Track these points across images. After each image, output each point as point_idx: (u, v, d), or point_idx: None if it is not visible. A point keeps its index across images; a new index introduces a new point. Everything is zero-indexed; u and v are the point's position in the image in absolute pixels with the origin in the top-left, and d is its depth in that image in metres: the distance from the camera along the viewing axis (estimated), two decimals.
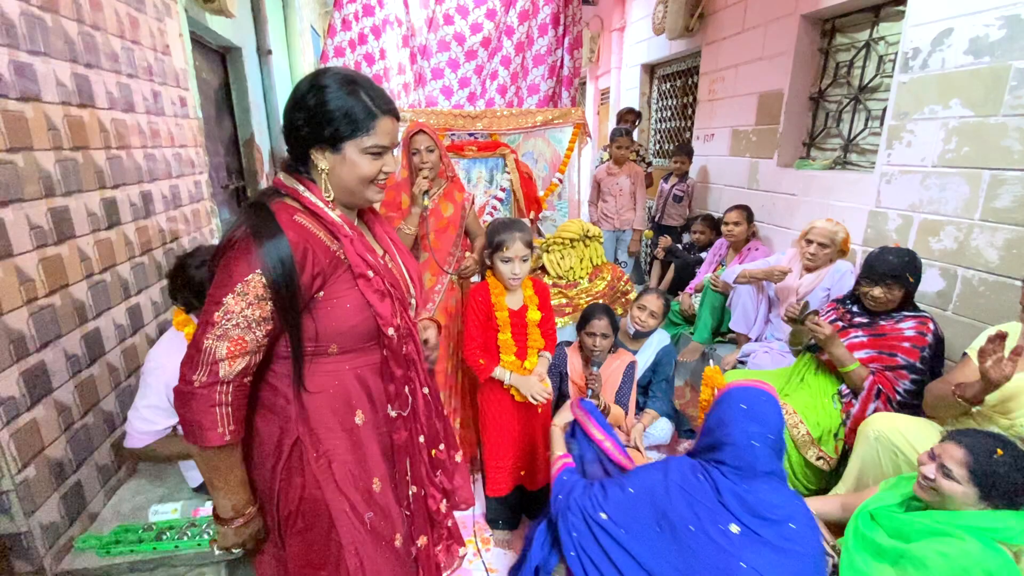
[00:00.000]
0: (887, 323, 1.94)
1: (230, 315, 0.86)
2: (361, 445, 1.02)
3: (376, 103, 0.95)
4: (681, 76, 4.54)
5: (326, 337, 0.97)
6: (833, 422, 1.93)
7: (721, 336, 2.96)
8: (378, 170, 0.98)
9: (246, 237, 0.89)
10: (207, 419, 0.87)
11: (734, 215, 3.01)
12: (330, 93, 0.92)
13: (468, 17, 3.55)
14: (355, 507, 1.00)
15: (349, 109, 0.92)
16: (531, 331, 1.76)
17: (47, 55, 1.54)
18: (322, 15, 6.95)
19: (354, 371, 1.02)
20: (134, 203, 1.98)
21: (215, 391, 0.87)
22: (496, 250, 1.67)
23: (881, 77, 2.61)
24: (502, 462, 1.88)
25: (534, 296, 1.79)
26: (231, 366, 0.87)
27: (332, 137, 0.94)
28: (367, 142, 0.95)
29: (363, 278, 0.97)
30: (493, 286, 1.73)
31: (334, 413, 1.00)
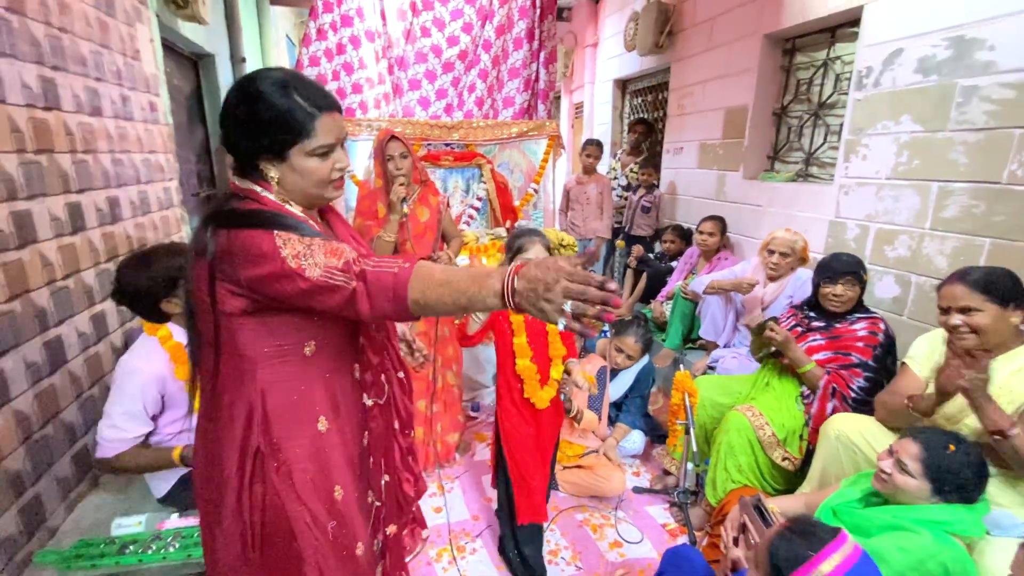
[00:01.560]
0: (842, 325, 2.03)
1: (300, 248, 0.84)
2: (323, 452, 0.99)
3: (313, 102, 0.89)
4: (652, 91, 4.67)
5: (307, 332, 0.95)
6: (797, 423, 1.99)
7: (691, 343, 3.04)
8: (330, 169, 0.95)
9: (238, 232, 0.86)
10: (390, 286, 0.83)
11: (709, 226, 3.10)
12: (262, 101, 0.87)
13: (445, 30, 3.60)
14: (316, 518, 0.97)
15: (285, 114, 0.88)
16: (552, 339, 1.74)
17: (13, 57, 1.51)
18: (297, 25, 6.93)
19: (322, 375, 0.99)
20: (100, 208, 1.94)
21: (355, 266, 0.85)
22: (517, 253, 1.68)
23: (838, 94, 2.74)
24: (535, 481, 1.76)
25: None
26: (345, 256, 0.85)
27: (274, 146, 0.90)
28: (311, 145, 0.90)
29: None
30: None
31: (296, 421, 0.97)
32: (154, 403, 1.55)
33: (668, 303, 3.21)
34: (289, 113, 0.88)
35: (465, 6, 3.58)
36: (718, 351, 2.70)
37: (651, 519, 2.15)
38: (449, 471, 2.40)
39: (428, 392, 2.30)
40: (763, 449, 1.95)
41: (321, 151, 0.92)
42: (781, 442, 1.95)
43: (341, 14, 3.38)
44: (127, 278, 1.54)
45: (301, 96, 0.88)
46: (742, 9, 3.14)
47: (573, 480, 2.23)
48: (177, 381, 1.56)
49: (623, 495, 2.23)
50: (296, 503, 0.95)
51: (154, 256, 1.56)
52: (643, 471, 2.45)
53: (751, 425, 1.93)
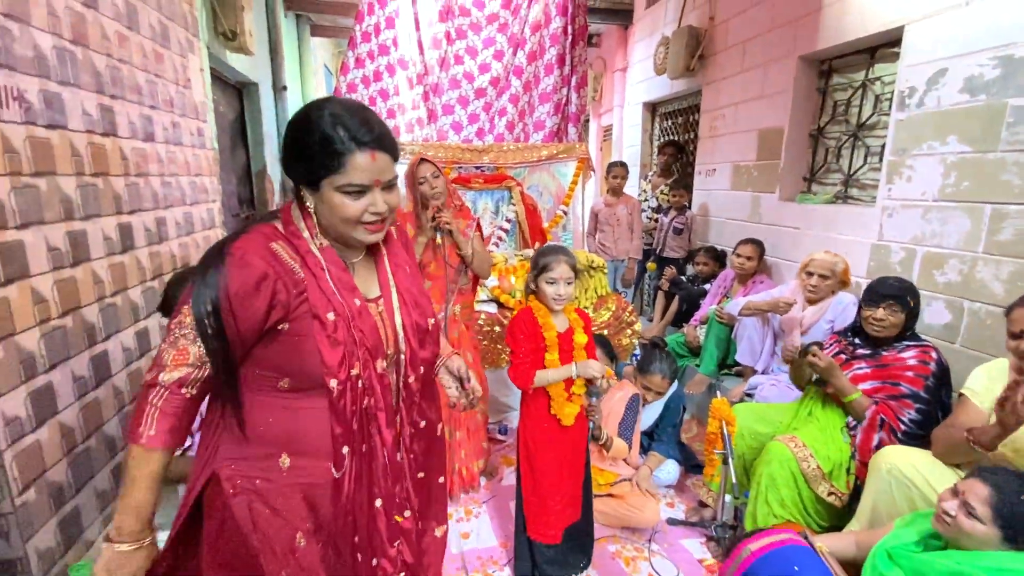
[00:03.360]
0: (889, 353, 1.93)
1: (181, 326, 0.85)
2: (282, 493, 0.92)
3: (353, 136, 0.86)
4: (682, 113, 4.66)
5: (278, 371, 0.91)
6: (843, 456, 1.89)
7: (727, 368, 2.94)
8: (361, 211, 0.89)
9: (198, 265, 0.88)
10: (136, 415, 0.85)
11: (747, 249, 3.02)
12: (306, 127, 0.86)
13: (477, 57, 3.69)
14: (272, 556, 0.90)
15: (320, 144, 0.85)
16: (578, 354, 1.72)
17: (76, 86, 1.60)
18: (335, 54, 7.24)
19: (296, 412, 0.93)
20: (148, 228, 2.02)
21: (150, 392, 0.85)
22: (542, 272, 1.66)
23: (878, 115, 2.68)
24: (551, 503, 1.72)
25: (579, 319, 1.77)
26: (169, 373, 0.85)
27: (307, 174, 0.89)
28: (339, 180, 0.87)
29: (317, 320, 0.89)
30: (537, 309, 1.70)
31: (259, 455, 0.92)
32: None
33: (702, 327, 3.13)
34: (324, 143, 0.85)
35: (497, 35, 3.67)
36: (756, 377, 2.61)
37: (687, 553, 2.05)
38: (475, 495, 2.36)
39: (450, 419, 2.27)
40: (807, 483, 1.85)
41: (351, 189, 0.88)
42: (826, 475, 1.85)
43: (378, 44, 3.51)
44: (175, 292, 1.59)
45: (344, 128, 0.86)
46: (775, 32, 3.12)
47: (604, 510, 2.15)
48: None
49: (657, 527, 2.14)
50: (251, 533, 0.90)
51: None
52: (678, 502, 2.36)
53: (794, 457, 1.84)
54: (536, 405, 1.73)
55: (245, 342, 0.87)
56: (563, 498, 1.73)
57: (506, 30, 3.67)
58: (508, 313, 2.92)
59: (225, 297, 0.82)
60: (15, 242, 1.33)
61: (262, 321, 0.86)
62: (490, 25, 3.66)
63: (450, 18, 3.61)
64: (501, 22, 3.66)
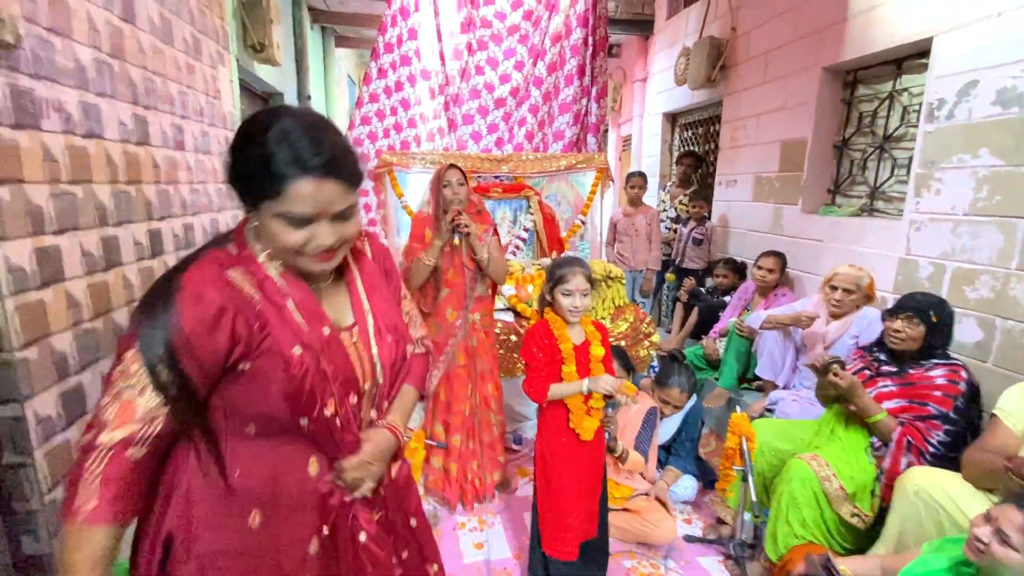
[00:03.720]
0: (916, 371, 1.88)
1: (126, 376, 0.72)
2: (250, 555, 0.81)
3: (297, 157, 0.72)
4: (703, 124, 4.64)
5: (240, 416, 0.80)
6: (868, 477, 1.84)
7: (747, 383, 2.89)
8: (302, 241, 0.77)
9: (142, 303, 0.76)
10: (70, 489, 0.71)
11: (769, 262, 2.98)
12: (252, 138, 0.74)
13: (498, 68, 3.73)
14: None
15: (259, 163, 0.73)
16: (595, 367, 1.69)
17: (112, 97, 1.66)
18: (358, 64, 7.38)
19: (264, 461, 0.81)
20: (177, 234, 2.08)
21: (88, 456, 0.71)
22: (557, 283, 1.65)
23: (906, 127, 2.63)
24: (568, 519, 1.69)
25: (596, 332, 1.75)
26: (111, 433, 0.71)
27: (248, 191, 0.77)
28: (276, 208, 0.74)
29: (282, 355, 0.77)
30: (553, 321, 1.69)
31: (223, 509, 0.79)
32: None
33: (721, 340, 3.09)
34: (263, 163, 0.72)
35: (518, 45, 3.71)
36: (777, 393, 2.56)
37: (704, 571, 2.01)
38: (489, 505, 2.35)
39: (464, 428, 2.27)
40: (830, 503, 1.81)
41: (291, 217, 0.75)
42: (850, 497, 1.80)
43: (400, 54, 3.57)
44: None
45: (289, 148, 0.72)
46: (799, 43, 3.09)
47: (620, 524, 2.13)
48: None
49: (673, 543, 2.11)
50: None
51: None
52: (695, 518, 2.32)
53: (816, 476, 1.80)
54: (554, 419, 1.71)
55: (209, 384, 0.76)
56: (580, 513, 1.71)
57: (527, 41, 3.71)
58: (525, 322, 2.92)
59: (181, 338, 0.71)
60: (52, 247, 1.38)
61: (224, 360, 0.75)
62: (511, 36, 3.70)
63: (472, 29, 3.66)
64: (522, 33, 3.70)
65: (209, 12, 2.45)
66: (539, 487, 1.75)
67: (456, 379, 2.25)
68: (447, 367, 2.25)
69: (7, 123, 1.24)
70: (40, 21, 1.35)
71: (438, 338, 2.22)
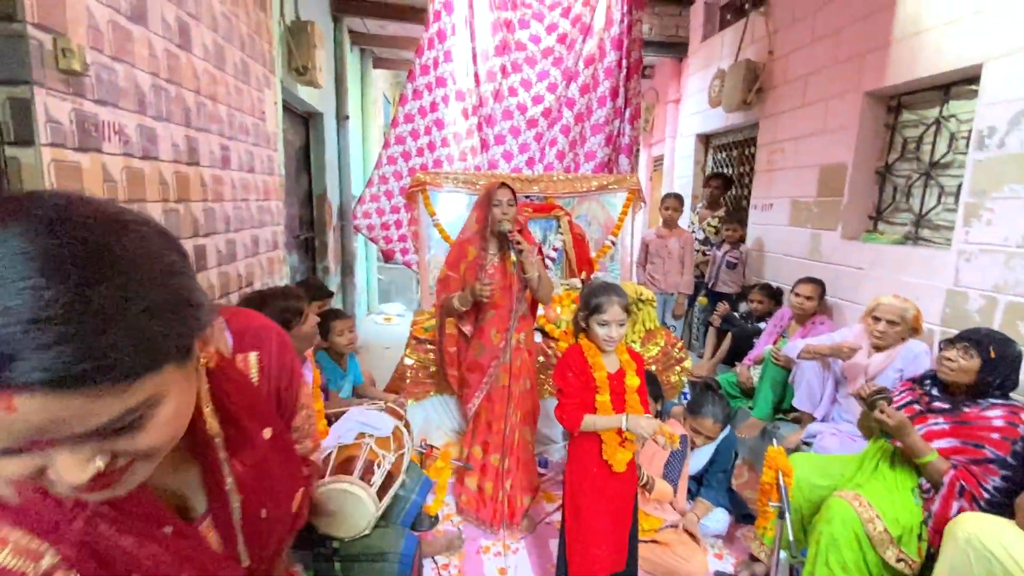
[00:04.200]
0: (972, 410, 1.78)
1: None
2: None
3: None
4: (737, 146, 4.58)
5: None
6: (914, 520, 1.74)
7: (783, 413, 2.80)
8: (18, 476, 0.41)
9: None
10: None
11: (808, 289, 2.89)
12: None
13: (531, 90, 3.79)
14: None
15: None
16: (629, 397, 1.66)
17: (168, 120, 1.75)
18: (394, 85, 7.58)
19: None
20: (220, 250, 2.15)
21: None
22: (593, 312, 1.63)
23: (954, 154, 2.54)
24: (596, 550, 1.65)
25: (631, 361, 1.72)
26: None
27: None
28: None
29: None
30: (587, 348, 1.67)
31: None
32: None
33: (756, 368, 3.00)
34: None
35: (551, 68, 3.76)
36: (815, 425, 2.47)
37: None
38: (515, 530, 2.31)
39: (502, 446, 2.25)
40: (873, 546, 1.72)
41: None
42: (895, 540, 1.71)
43: (436, 76, 3.65)
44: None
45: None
46: (840, 66, 3.04)
47: (648, 556, 2.06)
48: None
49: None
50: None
51: (271, 296, 1.68)
52: (727, 554, 2.23)
53: (859, 517, 1.72)
54: (585, 448, 1.67)
55: None
56: (608, 545, 1.67)
57: (560, 64, 3.76)
58: (553, 343, 2.90)
59: None
60: None
61: None
62: (544, 59, 3.75)
63: (507, 52, 3.73)
64: (556, 56, 3.75)
65: (258, 38, 2.56)
66: (568, 516, 1.72)
67: (498, 399, 2.24)
68: (490, 388, 2.24)
69: (71, 146, 1.31)
70: (105, 50, 1.44)
71: (482, 359, 2.22)
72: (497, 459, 2.25)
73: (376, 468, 1.57)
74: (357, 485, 1.48)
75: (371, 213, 3.86)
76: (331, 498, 1.48)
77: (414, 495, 1.86)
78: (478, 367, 2.24)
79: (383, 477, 1.57)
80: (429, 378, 2.78)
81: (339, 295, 4.78)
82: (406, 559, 1.60)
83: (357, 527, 1.50)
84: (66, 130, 1.29)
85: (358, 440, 1.63)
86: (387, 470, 1.60)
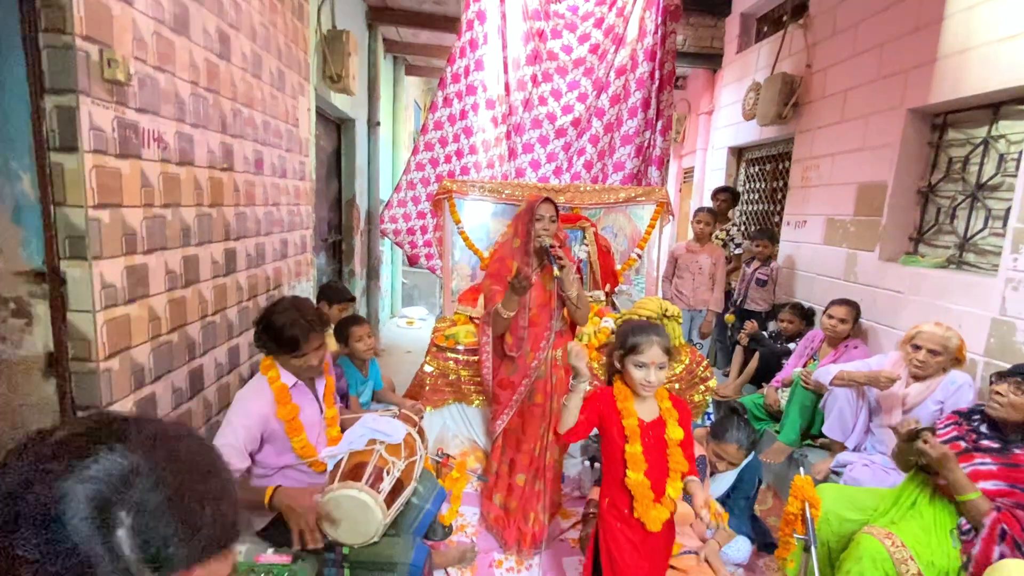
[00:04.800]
0: (1023, 451, 1.68)
1: None
2: None
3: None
4: (771, 161, 4.47)
5: None
6: (951, 564, 1.65)
7: (811, 439, 2.70)
8: None
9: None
10: None
11: (842, 311, 2.79)
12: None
13: (561, 99, 3.77)
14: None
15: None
16: (672, 451, 1.49)
17: (205, 127, 1.79)
18: (424, 91, 7.68)
19: None
20: (250, 254, 2.20)
21: None
22: (630, 352, 1.48)
23: (1003, 176, 2.42)
24: None
25: (673, 410, 1.54)
26: None
27: None
28: None
29: None
30: (619, 392, 1.52)
31: None
32: (252, 441, 1.59)
33: (784, 390, 2.90)
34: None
35: (582, 78, 3.74)
36: (846, 455, 2.37)
37: None
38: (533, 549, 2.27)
39: (530, 467, 2.22)
40: None
41: None
42: None
43: (467, 84, 3.67)
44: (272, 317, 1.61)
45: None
46: (883, 82, 2.94)
47: None
48: (279, 421, 1.62)
49: None
50: None
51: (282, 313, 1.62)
52: None
53: (891, 557, 1.63)
54: (615, 503, 1.52)
55: None
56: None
57: (591, 74, 3.73)
58: None
59: None
60: (141, 265, 1.49)
61: None
62: (576, 69, 3.74)
63: (538, 62, 3.73)
64: (587, 66, 3.73)
65: (295, 47, 2.62)
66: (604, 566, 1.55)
67: (531, 418, 2.20)
68: (520, 405, 2.20)
69: (112, 152, 1.36)
70: (148, 60, 1.48)
71: (514, 377, 2.17)
72: (523, 479, 2.21)
73: (386, 475, 1.56)
74: (366, 492, 1.47)
75: (398, 218, 3.90)
76: (339, 504, 1.47)
77: (428, 504, 1.85)
78: (509, 385, 2.20)
79: (392, 484, 1.56)
80: (448, 386, 2.78)
81: (364, 298, 4.84)
82: (415, 569, 1.59)
83: (366, 534, 1.49)
84: (108, 137, 1.33)
85: (369, 447, 1.63)
86: (396, 477, 1.59)
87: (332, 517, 1.48)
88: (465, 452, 2.82)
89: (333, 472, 1.57)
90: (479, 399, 2.78)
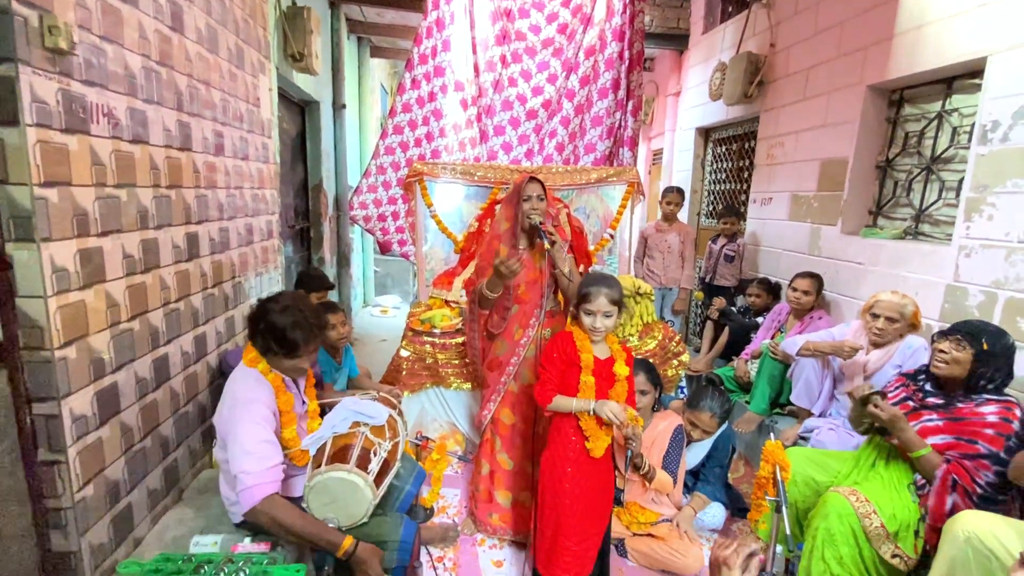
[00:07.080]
0: (965, 405, 1.77)
1: None
2: None
3: None
4: (737, 140, 4.55)
5: None
6: (911, 516, 1.74)
7: (780, 408, 2.79)
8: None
9: None
10: None
11: (805, 283, 2.88)
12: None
13: (531, 81, 3.74)
14: None
15: None
16: (619, 385, 1.68)
17: (159, 104, 1.71)
18: (391, 74, 7.50)
19: None
20: (213, 238, 2.12)
21: None
22: (581, 301, 1.66)
23: (956, 148, 2.52)
24: (565, 540, 1.65)
25: (622, 351, 1.74)
26: None
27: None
28: None
29: None
30: (578, 333, 1.70)
31: None
32: (275, 431, 1.53)
33: (753, 362, 2.99)
34: None
35: (551, 58, 3.71)
36: (812, 420, 2.46)
37: None
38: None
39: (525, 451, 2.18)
40: (869, 541, 1.71)
41: None
42: (891, 536, 1.70)
43: (435, 65, 3.60)
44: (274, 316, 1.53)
45: None
46: (842, 60, 3.01)
47: (644, 550, 2.06)
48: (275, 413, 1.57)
49: (700, 573, 2.03)
50: None
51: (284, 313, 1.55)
52: None
53: (855, 512, 1.71)
54: (564, 430, 1.69)
55: None
56: (578, 536, 1.67)
57: (561, 55, 3.71)
58: None
59: None
60: (95, 249, 1.41)
61: None
62: (545, 49, 3.70)
63: (506, 42, 3.68)
64: (556, 46, 3.70)
65: (252, 22, 2.51)
66: (540, 503, 1.72)
67: (522, 399, 2.14)
68: (513, 387, 2.14)
69: (58, 127, 1.28)
70: (93, 29, 1.40)
71: (503, 357, 2.13)
72: (511, 464, 2.16)
73: (372, 456, 1.55)
74: (355, 473, 1.47)
75: (368, 204, 3.81)
76: (328, 487, 1.46)
77: (408, 485, 1.84)
78: (498, 365, 2.14)
79: (379, 465, 1.55)
80: (425, 370, 2.76)
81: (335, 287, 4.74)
82: (405, 545, 1.59)
83: (356, 515, 1.49)
84: (52, 111, 1.25)
85: (353, 429, 1.61)
86: (383, 458, 1.58)
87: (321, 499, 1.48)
88: (444, 436, 2.81)
89: (318, 456, 1.54)
90: (457, 382, 2.77)
